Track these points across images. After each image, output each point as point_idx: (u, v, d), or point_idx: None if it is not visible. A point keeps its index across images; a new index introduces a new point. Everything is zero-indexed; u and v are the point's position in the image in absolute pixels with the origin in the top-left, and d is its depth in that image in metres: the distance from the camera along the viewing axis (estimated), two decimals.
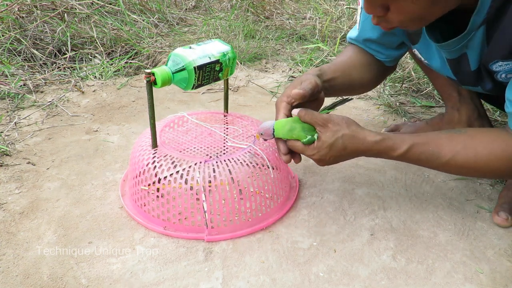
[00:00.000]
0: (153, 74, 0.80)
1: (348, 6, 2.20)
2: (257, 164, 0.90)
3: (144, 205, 0.91)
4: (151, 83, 0.81)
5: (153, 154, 0.89)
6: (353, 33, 1.05)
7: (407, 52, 1.18)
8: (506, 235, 0.90)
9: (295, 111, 0.83)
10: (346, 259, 0.83)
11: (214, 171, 0.85)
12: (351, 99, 0.96)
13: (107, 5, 2.03)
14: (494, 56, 0.76)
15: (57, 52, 1.77)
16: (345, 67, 0.99)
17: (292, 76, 1.70)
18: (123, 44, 1.85)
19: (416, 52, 0.96)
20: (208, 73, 0.86)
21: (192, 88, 0.86)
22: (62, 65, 1.68)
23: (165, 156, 0.88)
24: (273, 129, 0.84)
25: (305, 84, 0.84)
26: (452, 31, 0.81)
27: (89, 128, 1.29)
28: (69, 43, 1.75)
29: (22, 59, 1.66)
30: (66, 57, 1.72)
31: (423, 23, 0.77)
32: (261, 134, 0.86)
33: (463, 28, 0.77)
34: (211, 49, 0.87)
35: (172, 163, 0.86)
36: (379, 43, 1.01)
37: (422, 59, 0.96)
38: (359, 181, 1.06)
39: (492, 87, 0.85)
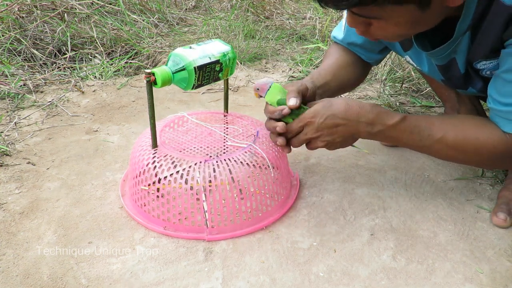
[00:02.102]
0: (153, 74, 0.80)
1: None
2: (257, 164, 0.90)
3: (144, 205, 0.91)
4: (151, 83, 0.81)
5: (153, 154, 0.89)
6: (337, 33, 1.07)
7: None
8: (506, 235, 0.90)
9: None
10: (346, 259, 0.83)
11: (214, 170, 0.85)
12: None
13: (107, 5, 2.03)
14: (477, 56, 0.79)
15: (57, 52, 1.77)
16: (334, 70, 1.01)
17: (292, 76, 1.70)
18: (123, 44, 1.85)
19: (408, 59, 0.97)
20: (208, 73, 0.86)
21: (192, 88, 0.86)
22: (62, 65, 1.68)
23: (165, 156, 0.88)
24: (270, 87, 0.85)
25: (296, 86, 0.86)
26: (440, 38, 0.82)
27: (89, 128, 1.29)
28: (69, 43, 1.75)
29: (22, 59, 1.66)
30: (66, 57, 1.72)
31: (406, 38, 0.80)
32: (257, 89, 0.86)
33: (450, 34, 0.79)
34: (211, 49, 0.87)
35: (172, 163, 0.86)
36: (362, 47, 1.03)
37: (415, 65, 0.97)
38: (359, 181, 1.06)
39: (482, 85, 0.87)
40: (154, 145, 0.90)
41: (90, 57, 1.78)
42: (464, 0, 0.69)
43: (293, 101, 0.81)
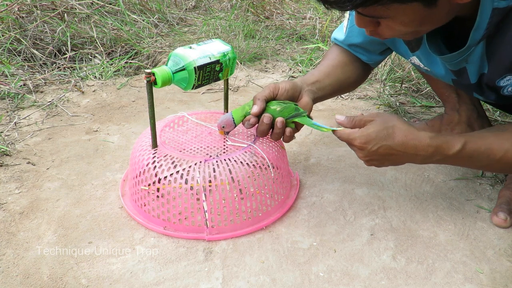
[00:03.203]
0: (153, 74, 0.80)
1: None
2: (257, 164, 0.90)
3: (144, 205, 0.91)
4: (151, 83, 0.81)
5: (153, 154, 0.89)
6: (338, 34, 1.06)
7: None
8: (506, 235, 0.90)
9: (338, 118, 0.84)
10: (346, 259, 0.83)
11: (214, 170, 0.85)
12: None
13: (107, 5, 2.03)
14: (501, 71, 0.76)
15: (57, 52, 1.76)
16: (329, 69, 1.01)
17: (292, 76, 1.70)
18: (123, 44, 1.85)
19: (415, 60, 0.96)
20: (208, 73, 0.86)
21: (192, 88, 0.86)
22: (62, 65, 1.68)
23: (165, 156, 0.88)
24: (232, 118, 0.90)
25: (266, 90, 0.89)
26: (455, 42, 0.81)
27: (89, 128, 1.29)
28: (69, 43, 1.75)
29: (22, 59, 1.66)
30: (66, 57, 1.72)
31: (415, 36, 0.77)
32: (223, 127, 0.92)
33: (465, 39, 0.76)
34: (212, 49, 0.87)
35: (172, 163, 0.86)
36: (364, 48, 1.03)
37: (422, 66, 0.96)
38: (359, 181, 1.06)
39: (495, 97, 0.85)
40: (154, 145, 0.90)
41: (90, 57, 1.78)
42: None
43: (254, 108, 0.87)
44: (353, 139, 0.79)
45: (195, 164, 0.86)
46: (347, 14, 1.04)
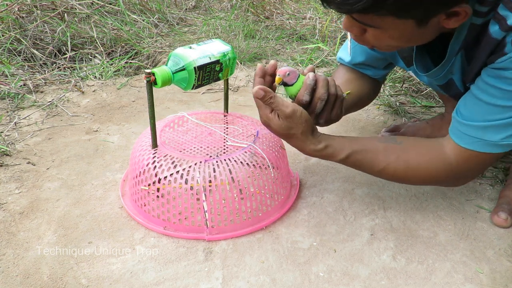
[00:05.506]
0: (153, 74, 0.80)
1: None
2: (257, 164, 0.90)
3: (144, 205, 0.91)
4: (151, 83, 0.81)
5: (153, 154, 0.89)
6: (343, 55, 1.08)
7: None
8: (506, 235, 0.90)
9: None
10: (346, 259, 0.83)
11: (214, 170, 0.85)
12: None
13: (107, 5, 2.03)
14: (469, 79, 0.80)
15: (57, 52, 1.76)
16: (343, 85, 1.01)
17: None
18: (123, 44, 1.85)
19: (411, 74, 0.98)
20: (208, 73, 0.86)
21: (192, 88, 0.86)
22: (62, 65, 1.68)
23: (165, 156, 0.88)
24: (297, 78, 0.82)
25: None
26: (435, 58, 0.84)
27: (89, 128, 1.29)
28: (69, 43, 1.75)
29: (22, 59, 1.66)
30: (66, 57, 1.72)
31: (398, 49, 0.81)
32: (288, 74, 0.81)
33: (445, 52, 0.80)
34: (212, 49, 0.87)
35: (172, 163, 0.86)
36: (369, 66, 1.05)
37: (418, 79, 0.98)
38: (359, 181, 1.06)
39: None
40: (154, 145, 0.90)
41: (90, 57, 1.78)
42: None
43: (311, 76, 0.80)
44: (288, 113, 0.77)
45: (195, 164, 0.86)
46: (349, 35, 1.05)
